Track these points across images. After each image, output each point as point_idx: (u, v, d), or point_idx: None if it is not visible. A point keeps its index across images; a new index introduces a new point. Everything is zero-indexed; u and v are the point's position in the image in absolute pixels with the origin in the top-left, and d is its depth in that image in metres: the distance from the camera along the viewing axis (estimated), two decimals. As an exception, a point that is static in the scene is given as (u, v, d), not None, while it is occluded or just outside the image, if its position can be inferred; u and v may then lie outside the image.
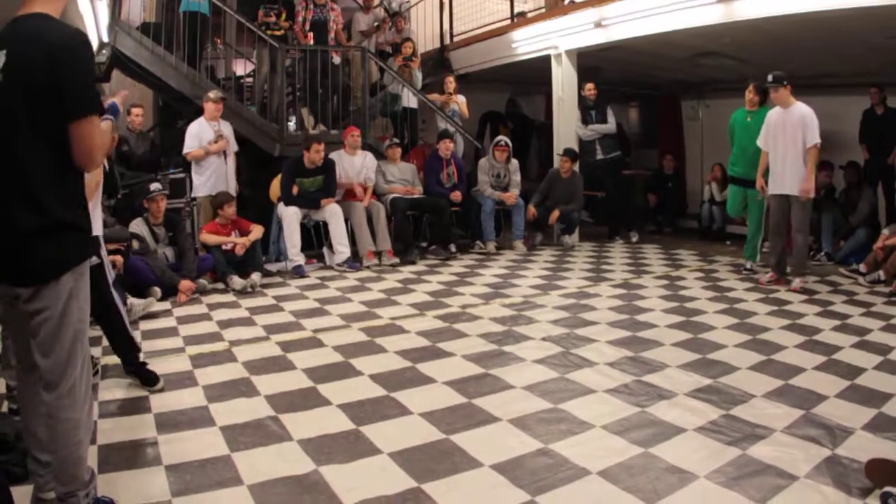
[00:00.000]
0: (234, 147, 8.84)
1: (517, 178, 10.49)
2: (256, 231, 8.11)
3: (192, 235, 7.91)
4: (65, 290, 2.75)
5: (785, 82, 7.33)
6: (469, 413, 4.06)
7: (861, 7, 6.86)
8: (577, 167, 10.76)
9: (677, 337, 5.68)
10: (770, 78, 7.38)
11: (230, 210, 7.97)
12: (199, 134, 8.49)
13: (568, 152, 10.62)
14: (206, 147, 8.42)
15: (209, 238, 7.77)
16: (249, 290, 7.46)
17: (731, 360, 5.06)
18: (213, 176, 8.51)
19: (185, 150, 8.51)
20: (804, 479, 3.23)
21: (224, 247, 7.75)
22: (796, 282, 7.48)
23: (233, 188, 8.67)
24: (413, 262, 9.18)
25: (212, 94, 8.59)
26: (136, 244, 7.24)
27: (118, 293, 6.16)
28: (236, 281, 7.54)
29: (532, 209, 10.34)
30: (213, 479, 3.21)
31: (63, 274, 2.74)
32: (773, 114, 7.62)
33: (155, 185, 7.55)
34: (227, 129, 8.73)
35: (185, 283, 7.15)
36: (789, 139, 7.35)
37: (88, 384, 2.90)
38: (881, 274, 7.80)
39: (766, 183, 7.74)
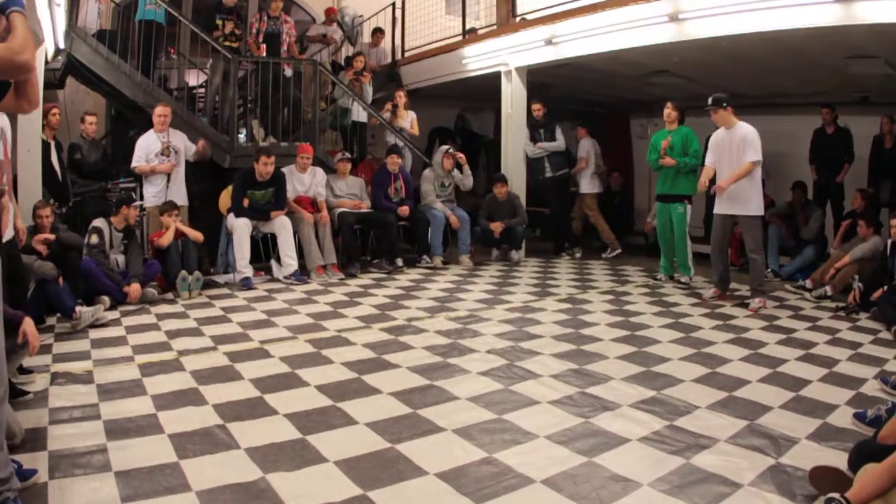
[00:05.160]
0: (189, 152, 8.85)
1: (459, 176, 10.81)
2: (193, 233, 8.24)
3: (142, 244, 7.91)
4: None
5: (724, 104, 7.47)
6: (414, 423, 4.11)
7: (810, 27, 7.01)
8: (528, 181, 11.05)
9: (622, 350, 5.77)
10: (710, 101, 7.53)
11: (169, 220, 8.01)
12: (147, 146, 8.50)
13: (500, 178, 10.86)
14: (153, 165, 8.44)
15: (163, 240, 7.87)
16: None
17: (676, 372, 5.16)
18: (162, 186, 8.53)
19: (133, 163, 8.54)
20: (748, 486, 3.31)
21: None
22: (754, 302, 7.50)
23: (183, 196, 8.73)
24: (354, 275, 9.25)
25: (158, 107, 8.64)
26: (94, 238, 7.31)
27: (69, 298, 6.23)
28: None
29: (500, 225, 10.49)
30: (161, 486, 3.23)
31: None
32: (718, 135, 7.76)
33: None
34: (178, 139, 8.73)
35: (134, 287, 7.29)
36: (735, 158, 7.46)
37: None
38: (828, 289, 8.04)
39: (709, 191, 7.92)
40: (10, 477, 2.92)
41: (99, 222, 7.47)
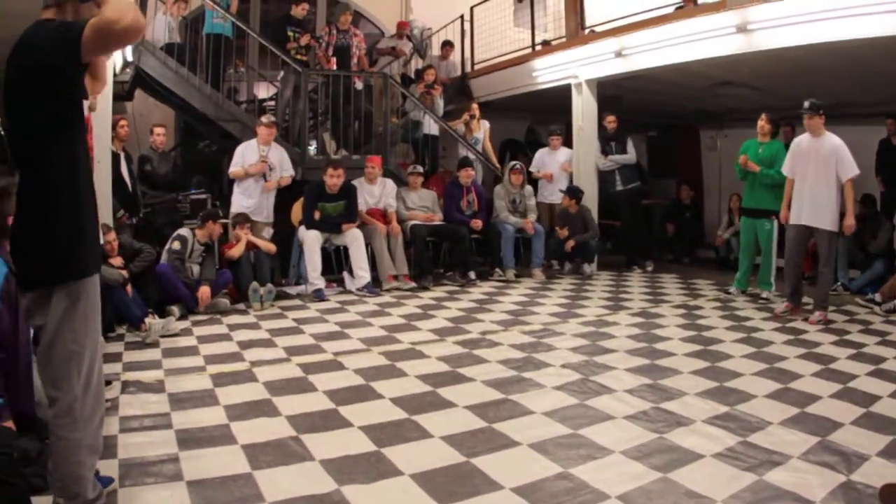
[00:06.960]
0: (287, 171, 8.98)
1: (532, 203, 10.64)
2: (266, 245, 8.39)
3: (217, 254, 7.98)
4: (57, 307, 2.71)
5: (821, 111, 7.24)
6: (489, 437, 4.04)
7: (884, 36, 6.83)
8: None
9: (695, 365, 5.65)
10: (806, 104, 7.26)
11: (240, 232, 8.14)
12: (244, 154, 8.66)
13: (568, 192, 10.67)
14: (247, 168, 8.54)
15: (234, 251, 8.01)
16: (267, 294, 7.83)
17: (748, 388, 5.04)
18: (256, 200, 8.70)
19: (231, 168, 8.71)
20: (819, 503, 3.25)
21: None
22: (816, 315, 7.29)
23: (270, 213, 8.90)
24: (427, 288, 9.18)
25: (263, 119, 8.79)
26: (177, 244, 7.44)
27: (137, 308, 6.28)
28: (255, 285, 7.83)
29: (571, 241, 10.36)
30: (234, 496, 3.20)
31: (51, 287, 2.71)
32: (803, 141, 7.47)
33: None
34: (276, 154, 8.85)
35: (204, 289, 7.39)
36: (821, 170, 7.21)
37: (94, 407, 2.86)
38: (897, 303, 7.75)
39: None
40: (99, 496, 2.92)
41: (185, 231, 7.63)
